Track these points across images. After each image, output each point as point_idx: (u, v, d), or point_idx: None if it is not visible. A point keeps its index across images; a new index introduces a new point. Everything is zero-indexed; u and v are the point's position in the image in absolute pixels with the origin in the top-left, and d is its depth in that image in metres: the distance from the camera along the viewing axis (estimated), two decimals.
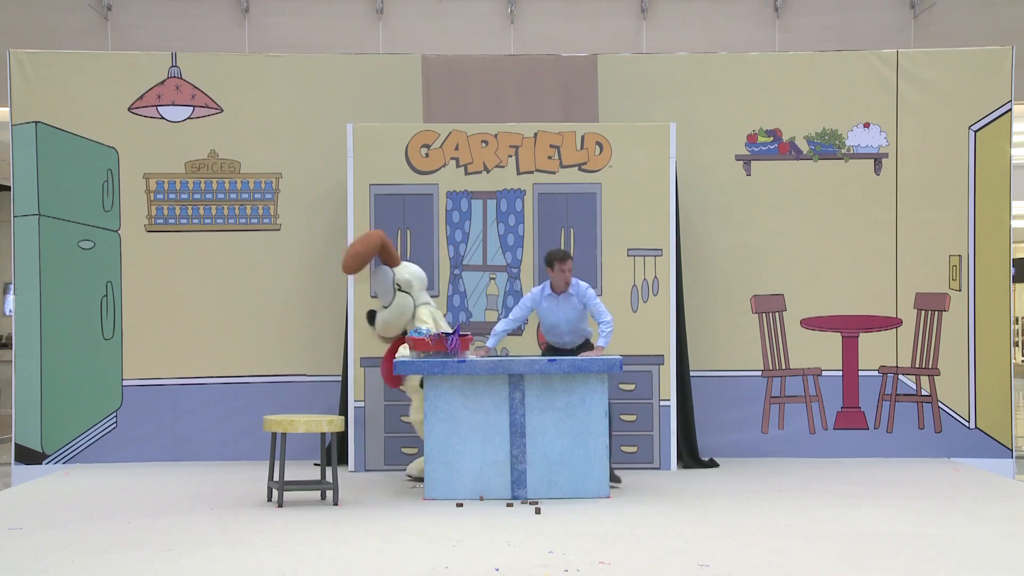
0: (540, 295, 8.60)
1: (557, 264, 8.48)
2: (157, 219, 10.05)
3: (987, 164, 10.06)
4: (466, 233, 9.57)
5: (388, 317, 8.71)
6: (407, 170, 9.56)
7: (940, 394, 10.05)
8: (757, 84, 10.17)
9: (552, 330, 8.62)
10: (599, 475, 8.02)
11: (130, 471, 9.50)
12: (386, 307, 8.71)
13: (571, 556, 6.08)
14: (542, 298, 8.59)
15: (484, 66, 10.43)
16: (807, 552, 6.19)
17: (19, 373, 9.84)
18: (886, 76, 10.11)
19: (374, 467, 9.41)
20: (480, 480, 8.01)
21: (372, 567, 5.89)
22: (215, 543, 6.52)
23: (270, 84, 10.14)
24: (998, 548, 6.30)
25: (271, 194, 10.10)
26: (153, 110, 10.05)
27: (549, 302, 8.57)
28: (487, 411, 8.03)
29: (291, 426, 7.82)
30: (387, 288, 8.72)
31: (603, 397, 8.06)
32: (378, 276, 8.76)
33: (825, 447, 10.04)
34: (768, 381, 10.09)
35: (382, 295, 8.76)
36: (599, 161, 9.58)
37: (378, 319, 8.77)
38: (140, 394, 9.95)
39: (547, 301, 8.57)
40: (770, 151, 10.14)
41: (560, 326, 8.57)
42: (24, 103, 9.94)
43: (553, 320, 8.57)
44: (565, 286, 8.51)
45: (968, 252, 10.06)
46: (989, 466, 9.72)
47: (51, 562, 6.04)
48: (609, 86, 10.16)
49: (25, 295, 9.87)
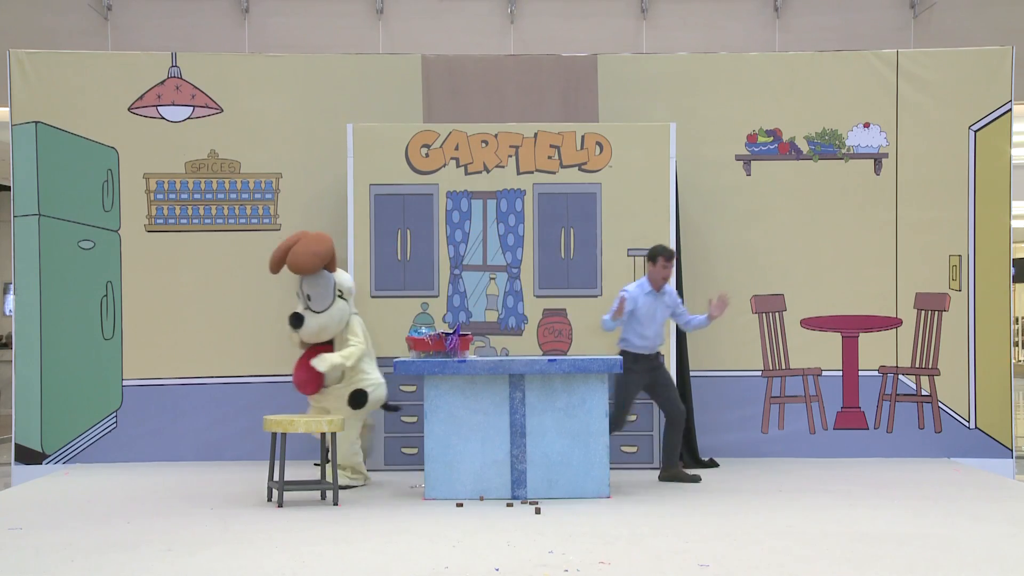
0: (639, 291, 8.64)
1: (661, 260, 8.60)
2: (157, 219, 10.05)
3: (987, 164, 10.06)
4: (466, 233, 9.57)
5: (327, 322, 8.47)
6: (407, 170, 9.56)
7: (940, 394, 10.05)
8: (757, 84, 10.17)
9: (645, 327, 8.60)
10: (599, 475, 8.02)
11: (130, 471, 9.50)
12: (320, 312, 8.47)
13: (571, 556, 6.08)
14: (641, 294, 8.63)
15: (484, 66, 10.44)
16: (807, 552, 6.19)
17: (19, 373, 9.84)
18: (886, 76, 10.12)
19: (374, 467, 9.40)
20: (480, 480, 8.01)
21: (372, 567, 5.89)
22: (215, 543, 6.52)
23: (270, 84, 10.14)
24: (998, 548, 6.30)
25: (271, 194, 10.10)
26: (153, 110, 10.05)
27: (648, 298, 8.62)
28: (487, 411, 8.04)
29: (291, 426, 7.82)
30: (328, 292, 8.51)
31: (603, 397, 8.06)
32: (320, 279, 8.50)
33: (825, 447, 10.04)
34: (768, 381, 10.09)
35: (319, 299, 8.49)
36: (599, 161, 9.59)
37: (314, 323, 8.44)
38: (140, 394, 9.95)
39: (646, 297, 8.62)
40: (770, 151, 10.14)
41: (656, 324, 8.64)
42: (24, 103, 9.94)
43: (650, 315, 8.60)
44: (663, 282, 8.64)
45: (968, 252, 10.06)
46: (989, 466, 9.72)
47: (51, 562, 6.04)
48: (609, 86, 10.16)
49: (25, 295, 9.87)
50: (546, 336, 9.52)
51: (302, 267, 8.45)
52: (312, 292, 8.50)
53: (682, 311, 8.88)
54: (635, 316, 8.62)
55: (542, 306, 9.54)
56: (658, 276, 8.65)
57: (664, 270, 8.63)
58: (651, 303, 8.65)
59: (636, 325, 8.64)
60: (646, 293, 8.65)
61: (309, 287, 8.50)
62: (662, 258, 8.63)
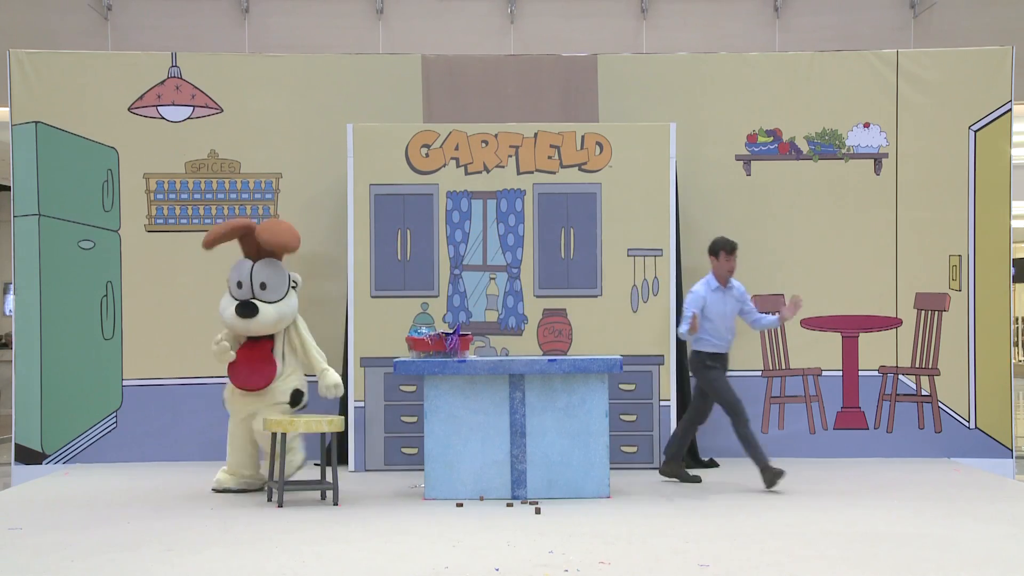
0: (706, 288, 8.52)
1: (723, 254, 8.49)
2: (157, 219, 10.05)
3: (987, 164, 10.06)
4: (466, 233, 9.57)
5: (285, 311, 8.32)
6: (407, 170, 9.56)
7: (940, 394, 10.05)
8: (757, 84, 10.17)
9: (717, 324, 8.48)
10: (599, 475, 8.02)
11: (130, 471, 9.50)
12: (273, 302, 8.29)
13: (571, 556, 6.08)
14: (708, 291, 8.51)
15: (484, 66, 10.44)
16: (807, 552, 6.19)
17: (19, 373, 9.84)
18: (886, 76, 10.12)
19: (374, 467, 9.41)
20: (480, 480, 8.01)
21: (372, 567, 5.89)
22: (215, 543, 6.52)
23: (270, 84, 10.15)
24: (998, 548, 6.30)
25: (271, 194, 10.10)
26: (153, 110, 10.05)
27: (716, 295, 8.51)
28: (487, 411, 8.04)
29: (291, 426, 7.82)
30: (283, 282, 8.37)
31: (603, 397, 8.06)
32: (278, 267, 8.40)
33: (825, 447, 10.04)
34: (768, 381, 10.09)
35: (275, 288, 8.32)
36: (599, 161, 9.59)
37: (272, 312, 8.24)
38: (140, 394, 9.95)
39: (713, 294, 8.51)
40: (770, 151, 10.14)
41: (727, 319, 8.52)
42: (24, 103, 9.94)
43: (720, 312, 8.49)
44: (730, 275, 8.53)
45: (968, 252, 10.06)
46: (989, 466, 9.72)
47: (51, 562, 6.04)
48: (609, 86, 10.16)
49: (25, 295, 9.87)
50: (546, 336, 9.52)
51: (286, 246, 8.32)
52: (269, 280, 8.33)
53: (750, 308, 8.74)
54: (705, 314, 8.47)
55: (542, 306, 9.54)
56: (722, 270, 8.52)
57: (727, 263, 8.50)
58: (719, 300, 8.53)
59: (707, 323, 8.48)
60: (713, 290, 8.53)
61: (266, 274, 8.32)
62: (723, 252, 8.50)
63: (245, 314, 8.19)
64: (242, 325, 8.25)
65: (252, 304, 8.22)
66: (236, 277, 8.39)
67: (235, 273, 8.43)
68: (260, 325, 8.26)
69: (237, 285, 8.36)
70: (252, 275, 8.32)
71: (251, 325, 8.25)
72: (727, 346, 8.59)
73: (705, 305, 8.48)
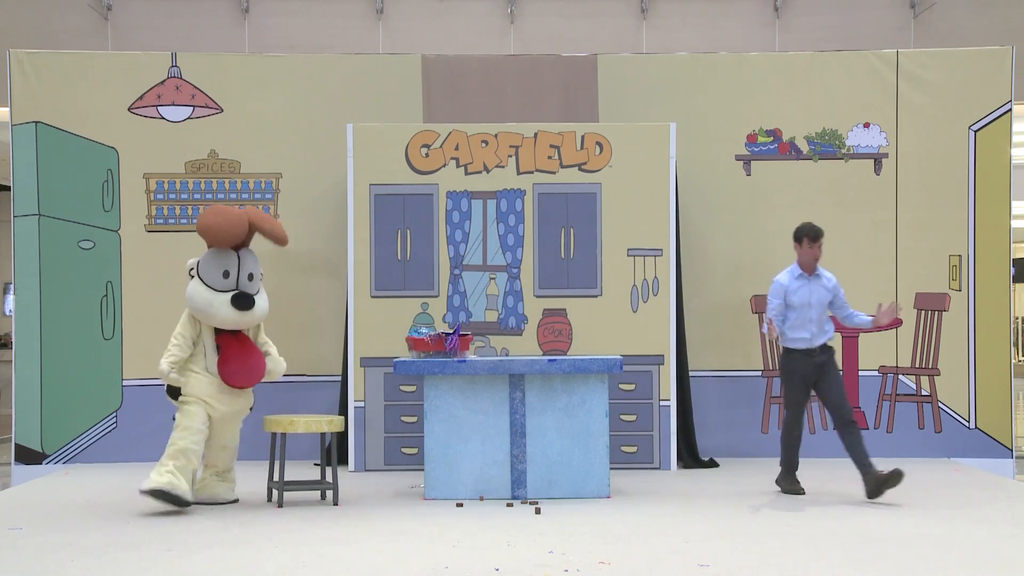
0: (789, 276, 8.13)
1: (806, 240, 8.08)
2: (157, 219, 10.05)
3: (987, 164, 10.06)
4: (466, 233, 9.57)
5: (266, 303, 7.95)
6: (407, 170, 9.56)
7: (940, 394, 10.05)
8: (757, 84, 10.18)
9: (801, 314, 8.04)
10: (599, 475, 8.02)
11: (130, 471, 9.49)
12: (255, 294, 7.84)
13: (571, 556, 6.08)
14: (791, 279, 8.13)
15: (484, 66, 10.44)
16: (807, 552, 6.19)
17: (19, 373, 9.84)
18: (886, 76, 10.12)
19: (374, 467, 9.41)
20: (480, 480, 8.01)
21: (372, 567, 5.89)
22: (215, 543, 6.52)
23: (270, 84, 10.15)
24: (998, 548, 6.30)
25: (271, 194, 10.10)
26: (153, 110, 10.05)
27: (799, 283, 8.10)
28: (487, 411, 8.04)
29: (291, 426, 7.81)
30: (258, 279, 7.93)
31: (603, 397, 8.06)
32: (256, 264, 7.95)
33: (825, 447, 10.02)
34: (768, 381, 10.09)
35: (258, 280, 7.88)
36: (599, 161, 9.59)
37: (263, 303, 7.86)
38: (140, 394, 9.95)
39: (797, 282, 8.10)
40: (770, 151, 10.14)
41: (811, 309, 8.04)
42: (24, 103, 9.94)
43: (804, 303, 8.04)
44: (815, 262, 8.11)
45: (968, 252, 10.06)
46: (989, 466, 9.73)
47: (51, 562, 6.04)
48: (609, 86, 10.16)
49: (25, 295, 9.87)
50: (546, 336, 9.52)
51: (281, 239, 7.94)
52: (255, 271, 7.88)
53: (842, 301, 8.22)
54: (790, 305, 8.09)
55: (542, 306, 9.54)
56: (807, 258, 8.07)
57: (811, 251, 8.04)
58: (804, 289, 8.09)
59: (791, 312, 8.09)
60: (796, 277, 8.12)
61: (253, 265, 7.87)
62: (806, 238, 8.06)
63: (244, 306, 7.69)
64: (237, 318, 7.71)
65: (249, 296, 7.74)
66: (221, 267, 7.73)
67: (216, 263, 7.74)
68: (254, 318, 7.82)
69: (224, 275, 7.71)
70: (239, 266, 7.77)
71: (246, 318, 7.76)
72: (813, 340, 8.08)
73: (787, 294, 8.09)
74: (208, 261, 7.78)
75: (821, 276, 8.16)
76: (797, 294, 8.09)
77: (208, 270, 7.74)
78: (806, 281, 8.12)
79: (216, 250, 7.79)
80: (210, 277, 7.72)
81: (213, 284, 7.71)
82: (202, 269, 7.76)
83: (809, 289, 8.11)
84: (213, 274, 7.72)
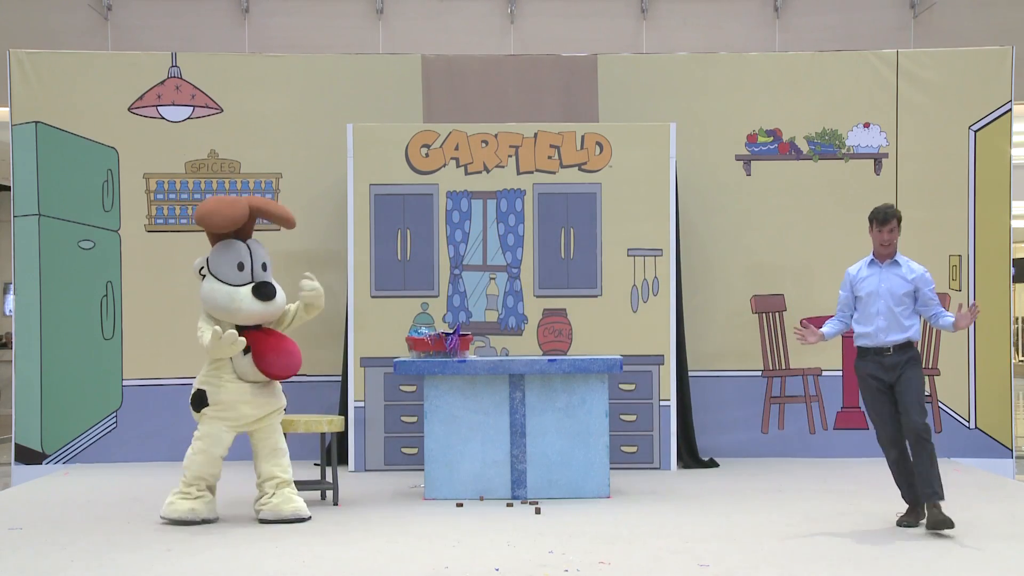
0: (859, 265, 7.20)
1: (875, 224, 7.10)
2: (157, 219, 10.05)
3: (987, 164, 10.06)
4: (466, 233, 9.57)
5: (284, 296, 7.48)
6: (407, 170, 9.56)
7: (940, 394, 10.04)
8: (757, 84, 10.17)
9: (867, 306, 7.07)
10: (599, 475, 8.02)
11: (130, 471, 9.50)
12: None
13: (571, 556, 6.08)
14: (862, 265, 7.20)
15: (484, 66, 10.44)
16: (807, 552, 6.19)
17: (19, 373, 9.84)
18: (886, 76, 10.12)
19: (374, 467, 9.41)
20: (480, 480, 8.01)
21: (372, 567, 5.89)
22: (215, 543, 6.52)
23: (270, 84, 10.15)
24: (998, 548, 6.30)
25: (271, 194, 10.10)
26: (153, 110, 10.05)
27: (870, 271, 7.14)
28: (487, 411, 8.04)
29: (291, 426, 7.81)
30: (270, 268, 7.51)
31: (603, 397, 8.06)
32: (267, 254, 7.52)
33: (825, 447, 10.03)
34: (768, 381, 10.09)
35: (270, 272, 7.44)
36: (599, 161, 9.58)
37: (281, 292, 7.39)
38: (140, 394, 9.95)
39: (867, 270, 7.15)
40: (770, 151, 10.14)
41: (878, 300, 7.01)
42: (24, 103, 9.95)
43: (872, 291, 7.04)
44: (886, 249, 7.09)
45: (968, 252, 10.06)
46: (989, 466, 9.72)
47: (51, 562, 6.04)
48: (609, 86, 10.16)
49: (25, 295, 9.87)
50: (546, 336, 9.52)
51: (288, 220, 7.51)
52: (267, 260, 7.44)
53: (928, 297, 7.09)
54: (858, 297, 7.16)
55: (542, 306, 9.54)
56: (876, 244, 7.10)
57: (879, 235, 7.05)
58: (872, 278, 7.10)
59: (860, 308, 7.14)
60: (868, 265, 7.16)
61: (264, 255, 7.42)
62: (875, 221, 7.10)
63: (267, 295, 7.18)
64: (261, 310, 7.21)
65: (271, 284, 7.24)
66: (234, 260, 7.26)
67: (228, 256, 7.28)
68: (276, 307, 7.31)
69: (238, 267, 7.24)
70: (251, 256, 7.29)
71: (270, 308, 7.26)
72: (877, 336, 7.04)
73: (853, 284, 7.19)
74: (219, 256, 7.30)
75: (900, 265, 7.11)
76: (864, 284, 7.12)
77: (220, 264, 7.27)
78: (877, 270, 7.12)
79: (224, 244, 7.32)
80: (223, 272, 7.24)
81: (228, 279, 7.23)
82: (213, 265, 7.29)
83: (879, 278, 7.08)
84: (226, 268, 7.24)
